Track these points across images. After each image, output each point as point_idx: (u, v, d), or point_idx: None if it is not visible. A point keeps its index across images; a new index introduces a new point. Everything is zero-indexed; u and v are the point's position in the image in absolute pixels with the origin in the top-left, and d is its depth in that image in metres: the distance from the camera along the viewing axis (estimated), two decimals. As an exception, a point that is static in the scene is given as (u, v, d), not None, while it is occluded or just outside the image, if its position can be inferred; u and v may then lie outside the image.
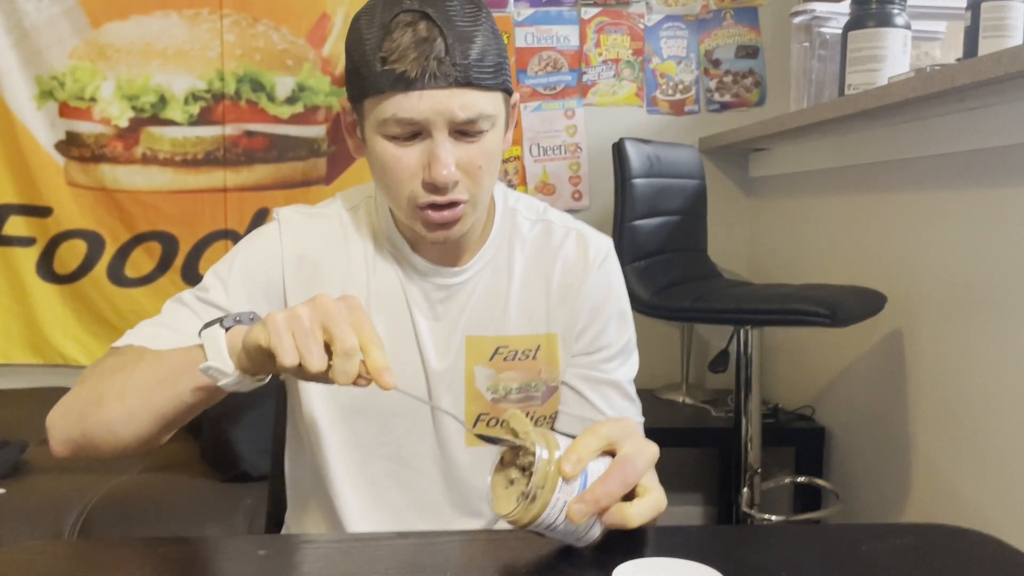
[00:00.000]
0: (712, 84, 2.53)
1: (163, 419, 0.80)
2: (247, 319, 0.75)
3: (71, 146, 2.41)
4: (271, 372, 0.75)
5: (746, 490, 1.82)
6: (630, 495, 0.71)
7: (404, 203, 0.90)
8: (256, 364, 0.73)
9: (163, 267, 2.46)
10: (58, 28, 2.36)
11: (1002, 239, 1.43)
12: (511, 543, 0.75)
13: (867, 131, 1.86)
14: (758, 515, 1.81)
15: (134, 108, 2.41)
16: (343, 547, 0.77)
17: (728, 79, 2.53)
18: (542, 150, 2.52)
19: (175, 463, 1.94)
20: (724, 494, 2.47)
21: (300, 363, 0.68)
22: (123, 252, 2.45)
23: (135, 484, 1.82)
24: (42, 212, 2.42)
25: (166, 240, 2.45)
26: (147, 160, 2.43)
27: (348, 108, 0.93)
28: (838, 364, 2.06)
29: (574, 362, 1.04)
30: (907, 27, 1.76)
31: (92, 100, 2.40)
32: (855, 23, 1.78)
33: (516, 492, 0.69)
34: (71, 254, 2.44)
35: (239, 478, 1.81)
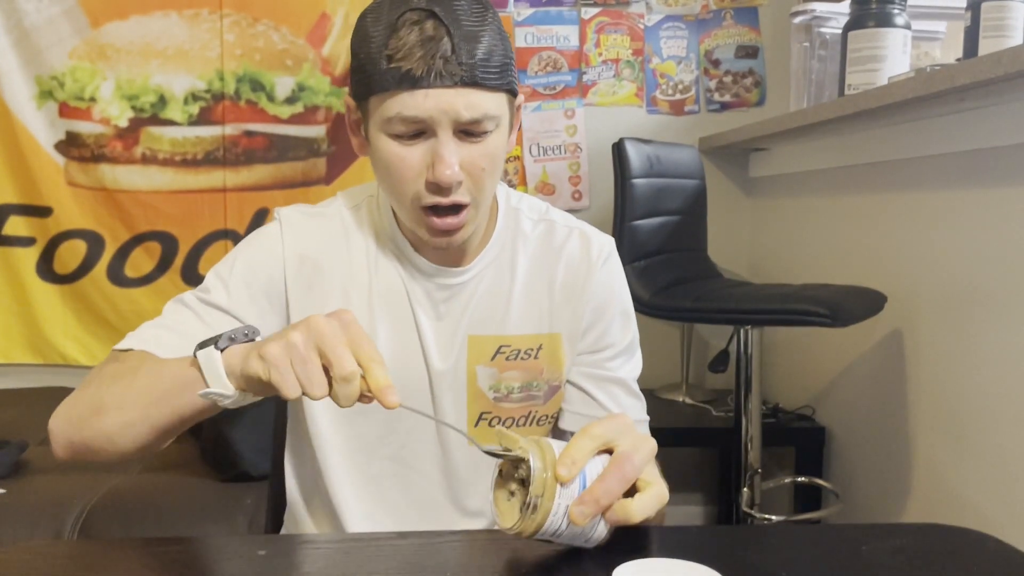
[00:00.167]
0: (712, 84, 2.53)
1: (162, 431, 0.80)
2: (241, 336, 0.74)
3: (71, 146, 2.41)
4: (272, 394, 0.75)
5: (746, 490, 1.82)
6: (632, 491, 0.71)
7: (407, 203, 0.90)
8: (256, 390, 0.73)
9: (163, 267, 2.46)
10: (58, 28, 2.36)
11: (1002, 239, 1.43)
12: (511, 543, 0.75)
13: (867, 131, 1.86)
14: (758, 515, 1.81)
15: (134, 108, 2.41)
16: (343, 547, 0.77)
17: (728, 79, 2.53)
18: (542, 150, 2.52)
19: (175, 463, 1.94)
20: (724, 494, 2.47)
21: (303, 392, 0.68)
22: (123, 252, 2.45)
23: (135, 484, 1.82)
24: (42, 212, 2.42)
25: (166, 240, 2.45)
26: (147, 160, 2.43)
27: (352, 106, 0.92)
28: (838, 364, 2.06)
29: (579, 360, 1.03)
30: (907, 27, 1.76)
31: (92, 100, 2.40)
32: (855, 23, 1.78)
33: (517, 504, 0.69)
34: (71, 254, 2.44)
35: (239, 478, 1.81)
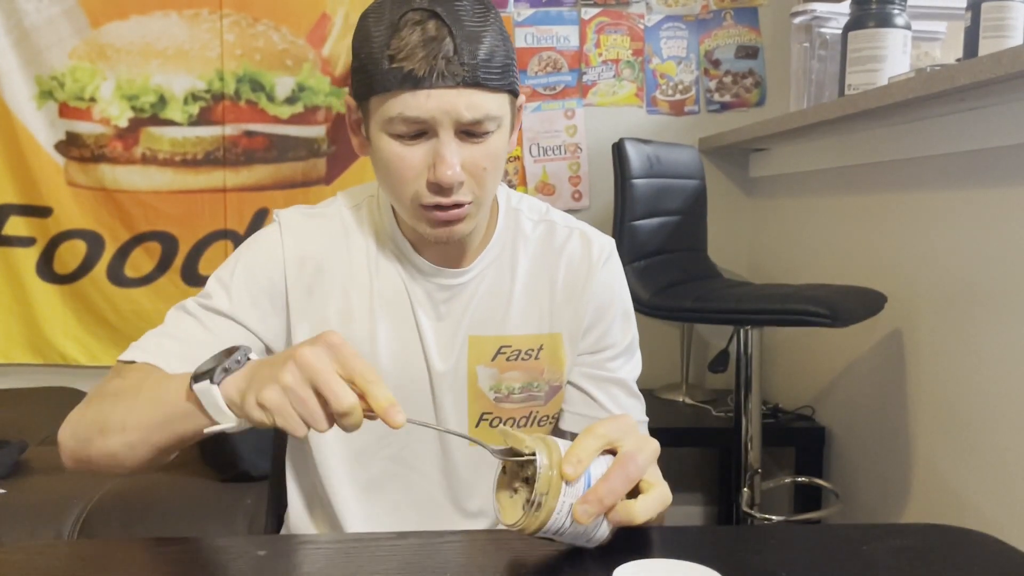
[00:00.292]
0: (712, 84, 2.53)
1: (164, 450, 0.82)
2: (235, 365, 0.73)
3: (71, 146, 2.41)
4: None
5: (746, 490, 1.82)
6: (634, 492, 0.71)
7: (408, 202, 0.90)
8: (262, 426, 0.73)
9: (163, 267, 2.46)
10: (58, 28, 2.36)
11: (1002, 239, 1.43)
12: (511, 543, 0.75)
13: (867, 131, 1.86)
14: (758, 515, 1.81)
15: (134, 108, 2.41)
16: (343, 547, 0.77)
17: (728, 79, 2.53)
18: (542, 150, 2.52)
19: (175, 463, 1.89)
20: (724, 494, 2.47)
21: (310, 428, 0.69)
22: (123, 252, 2.45)
23: (135, 484, 1.82)
24: (42, 212, 2.42)
25: (166, 240, 2.45)
26: (147, 160, 2.43)
27: (353, 105, 0.92)
28: (838, 364, 2.06)
29: (579, 361, 1.03)
30: (907, 27, 1.76)
31: (92, 100, 2.40)
32: (855, 23, 1.78)
33: (521, 501, 0.69)
34: (71, 254, 2.44)
35: (239, 478, 1.81)
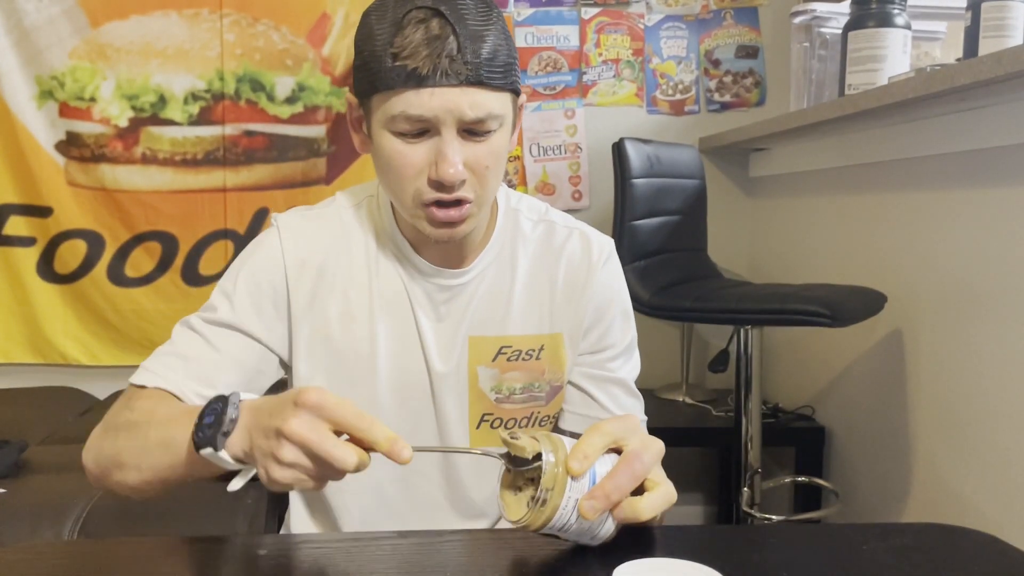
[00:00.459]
0: (712, 84, 2.53)
1: (179, 485, 0.85)
2: (229, 423, 0.73)
3: (71, 146, 2.41)
4: None
5: (746, 490, 1.82)
6: (639, 491, 0.71)
7: (408, 200, 0.89)
8: None
9: (163, 267, 2.46)
10: (58, 28, 2.36)
11: (1002, 239, 1.43)
12: (512, 543, 0.75)
13: (867, 131, 1.86)
14: (758, 515, 1.81)
15: (134, 108, 2.41)
16: (343, 547, 0.77)
17: (728, 79, 2.53)
18: (542, 150, 2.52)
19: None
20: (724, 494, 2.47)
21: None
22: (123, 252, 2.45)
23: (135, 484, 1.82)
24: (42, 212, 2.42)
25: (166, 240, 2.45)
26: (147, 160, 2.42)
27: (355, 103, 0.92)
28: (838, 364, 2.06)
29: (579, 361, 1.04)
30: (907, 27, 1.76)
31: (92, 100, 2.39)
32: (855, 23, 1.78)
33: (526, 497, 0.69)
34: (71, 254, 2.44)
35: (239, 478, 1.81)
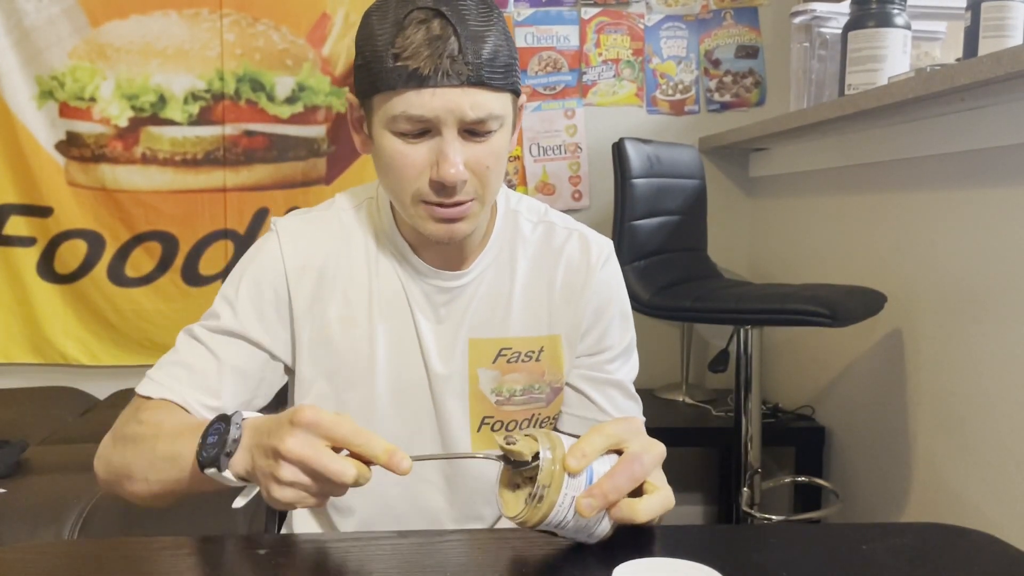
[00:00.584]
0: (712, 84, 2.53)
1: (190, 496, 0.85)
2: (232, 443, 0.75)
3: (71, 146, 2.41)
4: None
5: (746, 490, 1.82)
6: (638, 494, 0.72)
7: (409, 201, 0.89)
8: None
9: (163, 267, 2.46)
10: (58, 28, 2.36)
11: (1002, 239, 1.43)
12: (511, 542, 0.75)
13: (867, 131, 1.86)
14: (758, 515, 1.81)
15: (134, 108, 2.41)
16: (343, 547, 0.77)
17: (728, 79, 2.53)
18: (542, 150, 2.52)
19: None
20: (724, 494, 2.47)
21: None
22: (123, 252, 2.45)
23: (135, 484, 1.82)
24: (42, 212, 2.42)
25: (166, 240, 2.45)
26: (147, 160, 2.42)
27: (355, 103, 0.92)
28: (838, 364, 2.06)
29: (577, 363, 1.04)
30: (907, 27, 1.76)
31: (92, 100, 2.39)
32: (855, 23, 1.78)
33: (523, 494, 0.69)
34: (71, 254, 2.44)
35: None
